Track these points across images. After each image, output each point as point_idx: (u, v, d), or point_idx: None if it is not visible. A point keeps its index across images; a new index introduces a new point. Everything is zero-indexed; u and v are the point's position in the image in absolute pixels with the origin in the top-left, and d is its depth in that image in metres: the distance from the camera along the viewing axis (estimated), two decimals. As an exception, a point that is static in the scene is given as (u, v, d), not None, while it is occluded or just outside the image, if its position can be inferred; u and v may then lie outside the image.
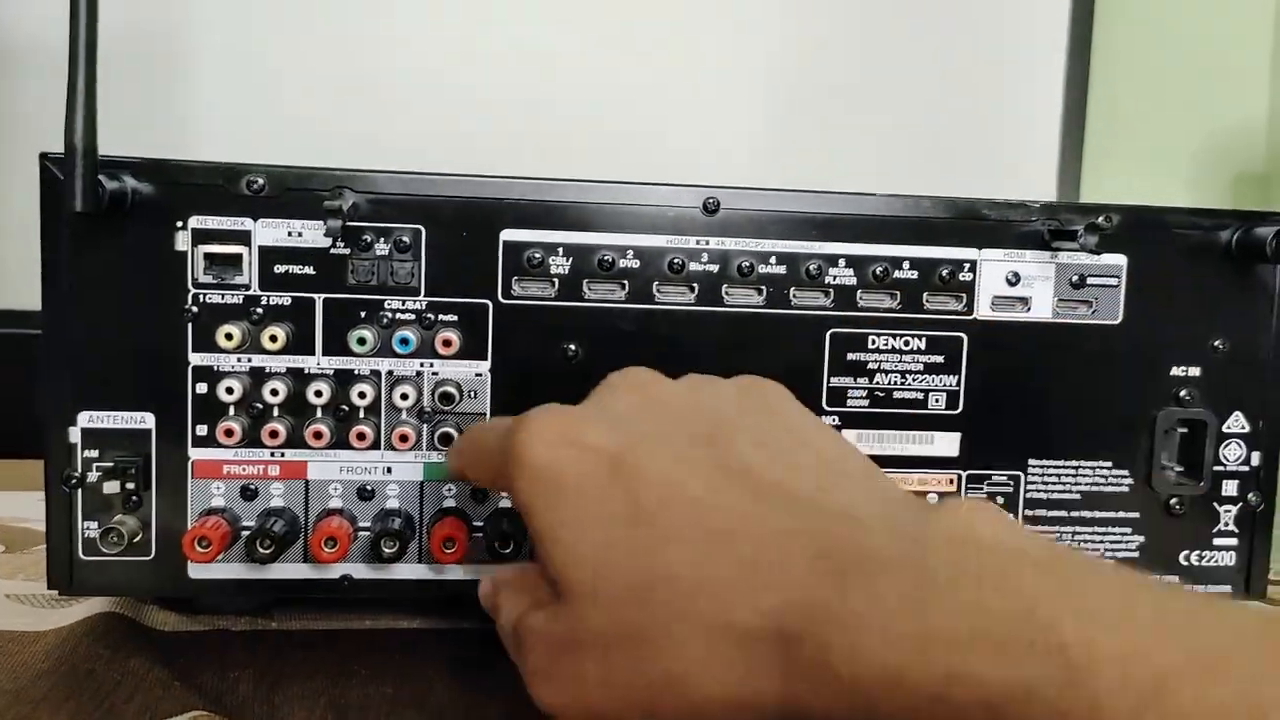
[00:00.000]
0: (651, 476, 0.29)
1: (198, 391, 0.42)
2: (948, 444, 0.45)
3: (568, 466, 0.30)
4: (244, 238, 0.42)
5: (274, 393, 0.42)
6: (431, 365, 0.43)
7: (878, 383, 0.45)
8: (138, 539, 0.42)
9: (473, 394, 0.43)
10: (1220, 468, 0.47)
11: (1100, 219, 0.44)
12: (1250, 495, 0.47)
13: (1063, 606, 0.21)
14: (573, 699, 0.29)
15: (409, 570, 0.44)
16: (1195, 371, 0.46)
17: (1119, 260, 0.45)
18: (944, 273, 0.44)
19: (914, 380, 0.45)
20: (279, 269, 0.42)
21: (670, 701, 0.27)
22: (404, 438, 0.42)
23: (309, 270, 0.42)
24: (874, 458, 0.43)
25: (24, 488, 0.68)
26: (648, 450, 0.30)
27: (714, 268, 0.44)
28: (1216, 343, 0.46)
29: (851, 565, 0.25)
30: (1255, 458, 0.47)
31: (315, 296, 0.42)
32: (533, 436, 0.31)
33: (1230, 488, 0.47)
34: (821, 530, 0.26)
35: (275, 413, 0.42)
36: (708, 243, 0.44)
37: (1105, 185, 0.89)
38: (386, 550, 0.42)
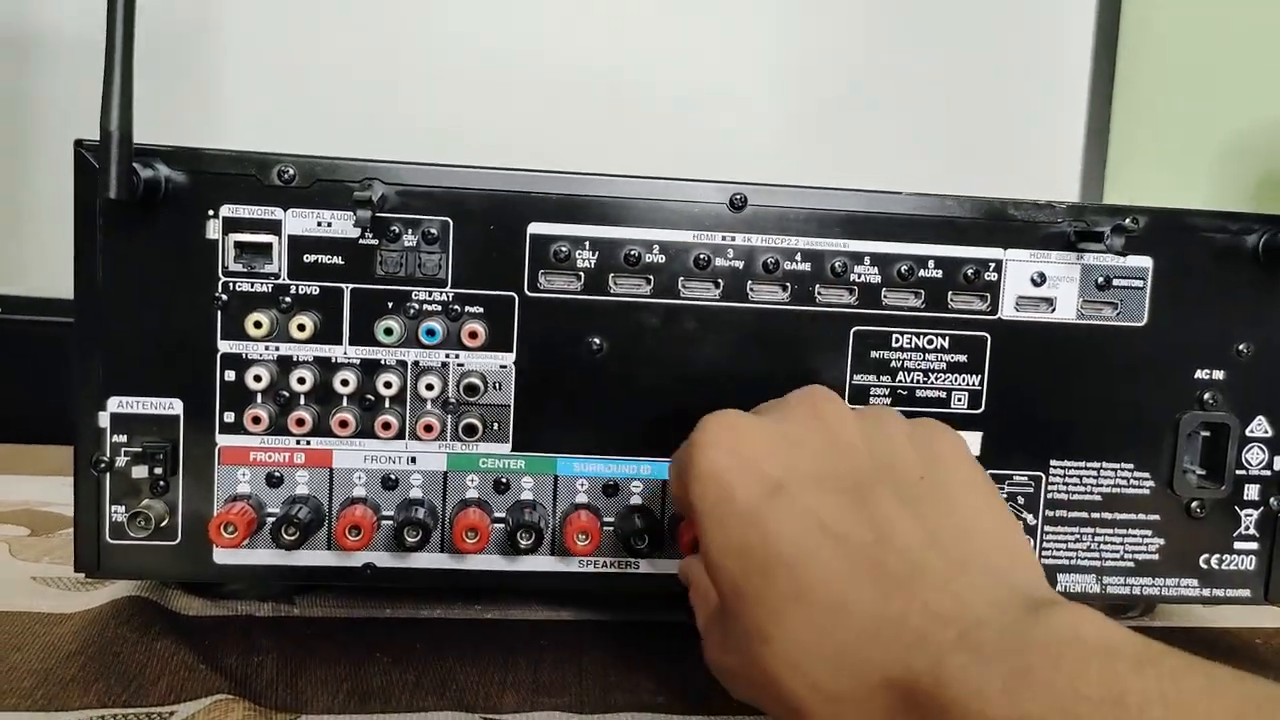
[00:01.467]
0: (794, 526, 0.31)
1: (226, 379, 0.42)
2: (970, 443, 0.45)
3: (735, 479, 0.32)
4: (274, 227, 0.42)
5: (301, 381, 0.42)
6: (457, 356, 0.43)
7: (900, 381, 0.45)
8: (164, 523, 0.42)
9: (497, 386, 0.43)
10: (1242, 471, 0.47)
11: (1127, 221, 0.44)
12: (1272, 500, 0.47)
13: (1153, 694, 0.23)
14: (734, 691, 0.34)
15: (431, 560, 0.44)
16: (1219, 375, 0.46)
17: (1145, 262, 0.45)
18: (969, 272, 0.45)
19: (937, 379, 0.45)
20: (308, 258, 0.42)
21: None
22: (429, 428, 0.43)
23: (338, 260, 0.42)
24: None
25: (49, 472, 0.69)
26: (800, 496, 0.32)
27: (739, 264, 0.44)
28: (1241, 346, 0.46)
29: (956, 649, 0.26)
30: (1278, 462, 0.47)
31: (344, 286, 0.42)
32: (710, 441, 0.34)
33: (1252, 492, 0.47)
34: (939, 611, 0.28)
35: (302, 401, 0.43)
36: (733, 239, 0.44)
37: (1128, 187, 0.89)
38: (409, 539, 0.42)
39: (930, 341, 0.45)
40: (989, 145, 0.95)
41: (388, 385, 0.42)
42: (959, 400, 0.45)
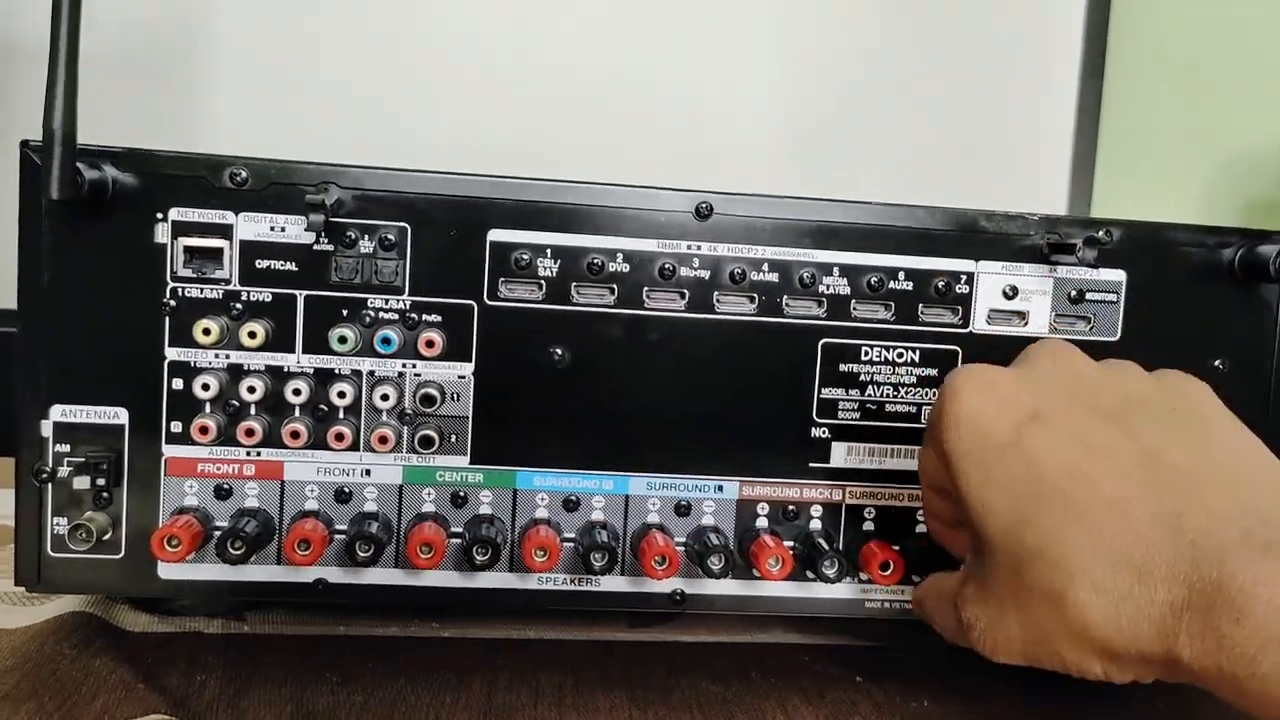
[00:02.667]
0: (1057, 447, 0.32)
1: (173, 387, 0.41)
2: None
3: (990, 415, 0.34)
4: (225, 231, 0.41)
5: (251, 390, 0.41)
6: (414, 366, 0.42)
7: (870, 395, 0.44)
8: (107, 536, 0.41)
9: (455, 396, 0.42)
10: (1219, 491, 0.46)
11: (1100, 233, 0.44)
12: (1249, 520, 0.46)
13: None
14: (1014, 656, 0.33)
15: (385, 576, 0.43)
16: (1195, 392, 0.45)
17: (1118, 276, 0.45)
18: (940, 284, 0.44)
19: (907, 393, 0.44)
20: (260, 264, 0.41)
21: (1077, 649, 0.31)
22: (384, 439, 0.42)
23: (291, 266, 0.41)
24: (864, 472, 0.43)
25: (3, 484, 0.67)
26: (1057, 420, 0.33)
27: (705, 274, 0.43)
28: (1217, 362, 0.45)
29: (1241, 545, 0.27)
30: (1255, 482, 0.46)
31: (297, 293, 0.41)
32: (961, 386, 0.35)
33: (1229, 512, 0.46)
34: (1219, 512, 0.29)
35: (252, 411, 0.41)
36: (699, 248, 0.43)
37: (1115, 208, 0.88)
38: (361, 554, 0.41)
39: (900, 355, 0.44)
40: (974, 166, 0.95)
41: (341, 395, 0.41)
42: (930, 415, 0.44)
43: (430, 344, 0.41)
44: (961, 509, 0.35)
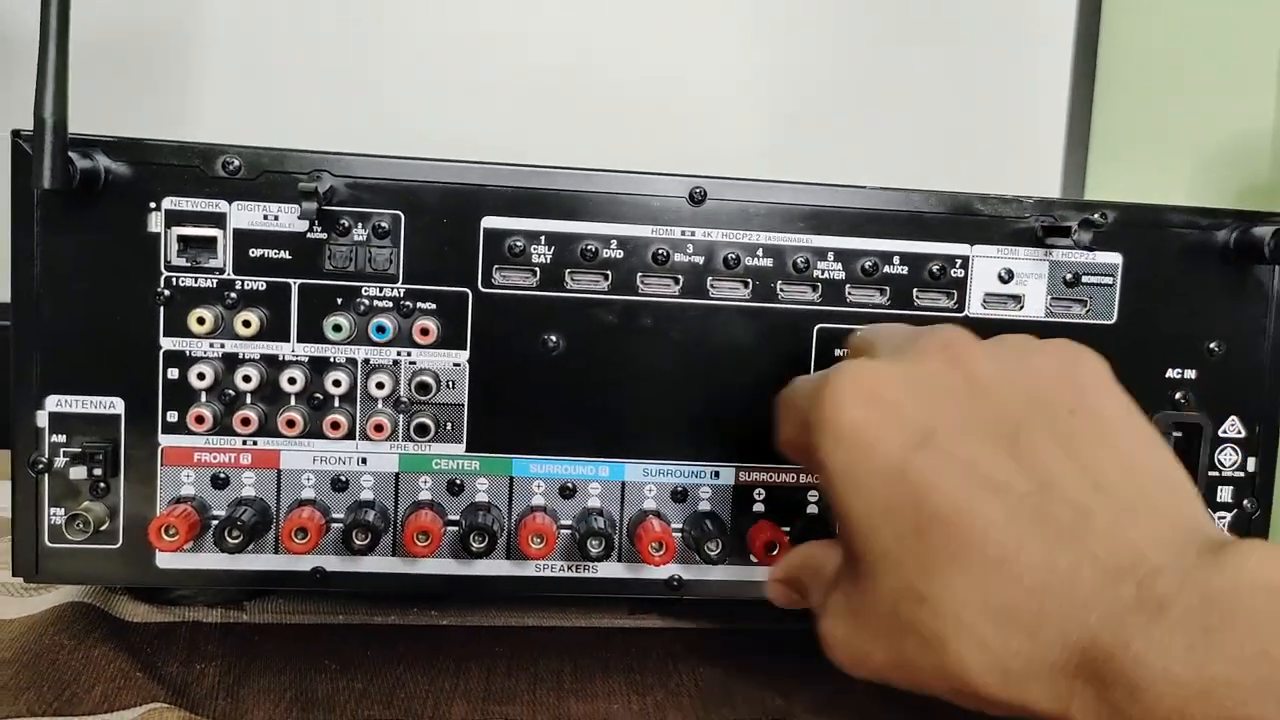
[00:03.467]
0: (947, 480, 0.29)
1: (169, 377, 0.41)
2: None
3: (875, 434, 0.30)
4: (219, 220, 0.41)
5: (246, 379, 0.41)
6: (409, 354, 0.42)
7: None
8: (104, 527, 0.41)
9: (450, 384, 0.42)
10: (1215, 473, 0.46)
11: (1095, 215, 0.43)
12: (1246, 502, 0.46)
13: None
14: (866, 673, 0.32)
15: (382, 564, 0.43)
16: (1191, 374, 0.45)
17: (1114, 259, 0.44)
18: (935, 268, 0.44)
19: (902, 378, 0.44)
20: (254, 253, 0.41)
21: (946, 691, 0.29)
22: (379, 427, 0.42)
23: (285, 255, 0.41)
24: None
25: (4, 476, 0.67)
26: (950, 445, 0.29)
27: (699, 259, 0.43)
28: (1213, 344, 0.45)
29: (1136, 608, 0.25)
30: (1251, 463, 0.46)
31: (291, 282, 0.41)
32: (844, 394, 0.31)
33: (1225, 494, 0.46)
34: (1112, 565, 0.26)
35: (248, 400, 0.41)
36: (693, 234, 0.43)
37: (1109, 194, 0.88)
38: (358, 542, 0.41)
39: (896, 339, 0.44)
40: (966, 151, 0.94)
41: (337, 384, 0.41)
42: (925, 400, 0.44)
43: (425, 332, 0.41)
44: (838, 521, 0.32)
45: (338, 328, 0.41)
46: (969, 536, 0.28)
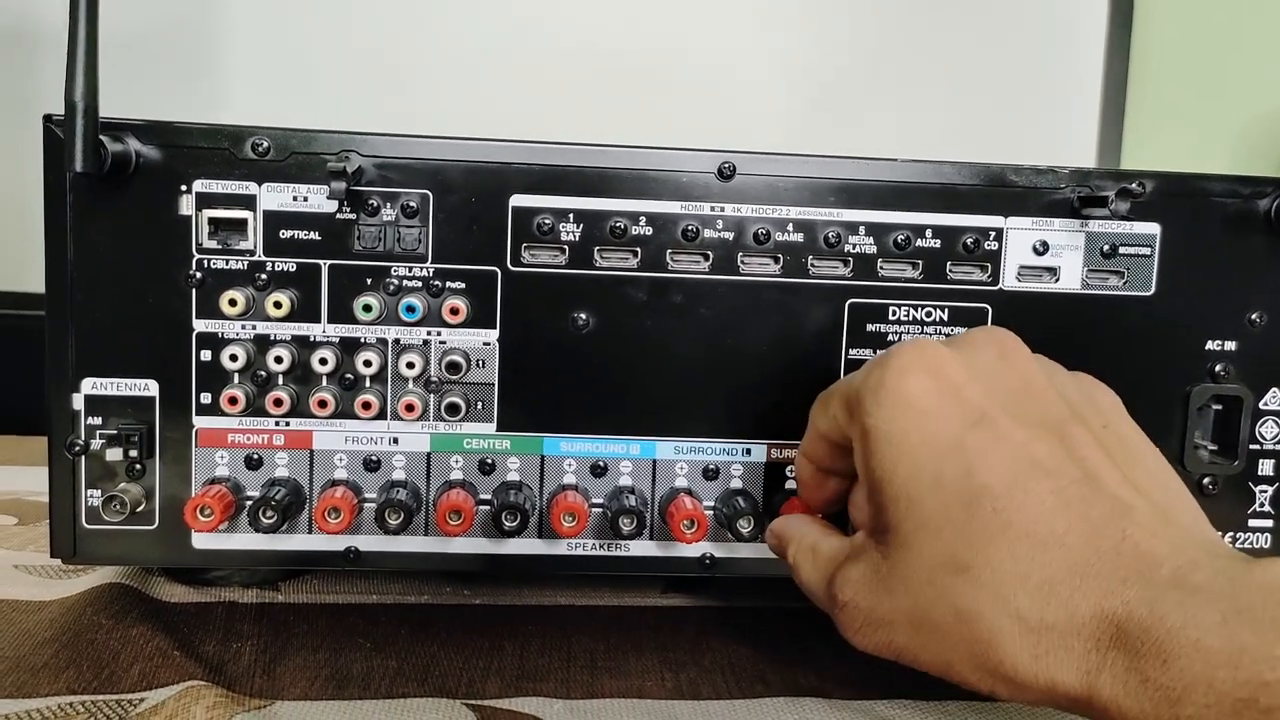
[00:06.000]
0: (1000, 458, 0.30)
1: (202, 359, 0.41)
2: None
3: (934, 405, 0.31)
4: (249, 202, 0.41)
5: (278, 360, 0.41)
6: (439, 334, 0.42)
7: (899, 355, 0.43)
8: (141, 508, 0.41)
9: (480, 363, 0.42)
10: (1256, 446, 0.45)
11: (1133, 185, 0.43)
12: (1288, 475, 0.45)
13: None
14: (881, 649, 0.32)
15: (415, 543, 0.43)
16: (1231, 346, 0.44)
17: (1152, 229, 0.44)
18: (968, 241, 0.43)
19: (936, 353, 0.43)
20: (284, 234, 0.41)
21: (967, 670, 0.30)
22: (410, 407, 0.42)
23: (314, 236, 0.41)
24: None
25: (41, 462, 0.68)
26: (1005, 429, 0.31)
27: (729, 235, 0.42)
28: (1254, 315, 0.44)
29: (1171, 587, 0.27)
30: (1294, 436, 0.45)
31: (321, 263, 0.41)
32: (910, 364, 0.32)
33: (1266, 467, 0.45)
34: (1150, 551, 0.28)
35: (280, 380, 0.41)
36: (723, 209, 0.42)
37: (1145, 165, 0.87)
38: (391, 522, 0.41)
39: (929, 314, 0.43)
40: (1001, 128, 0.93)
41: (367, 364, 0.41)
42: (959, 374, 0.44)
43: (455, 311, 0.41)
44: (872, 491, 0.33)
45: (368, 308, 0.41)
46: (1018, 513, 0.29)
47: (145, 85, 0.84)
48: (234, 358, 0.41)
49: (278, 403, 0.41)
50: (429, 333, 0.42)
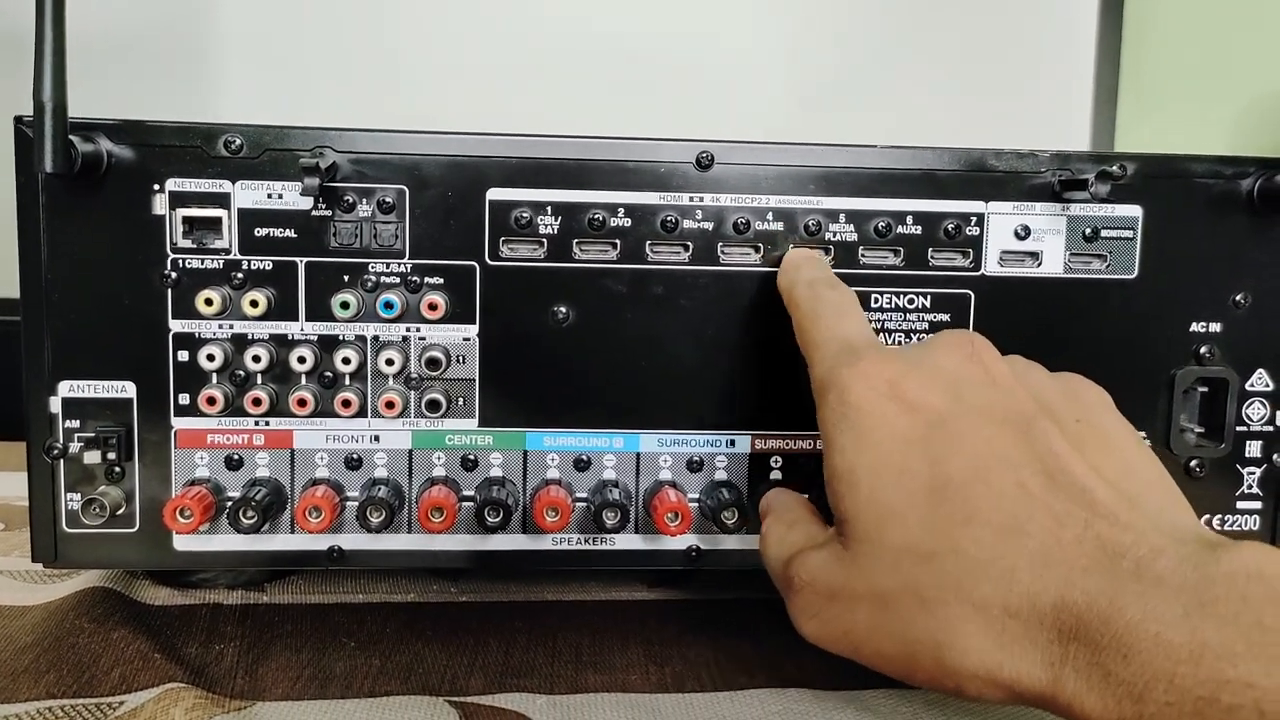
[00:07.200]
0: (964, 451, 0.30)
1: (179, 359, 0.41)
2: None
3: (886, 420, 0.32)
4: (223, 200, 0.40)
5: (256, 359, 0.41)
6: (417, 330, 0.42)
7: (881, 343, 0.43)
8: (121, 511, 0.41)
9: (460, 359, 0.42)
10: (1243, 428, 0.45)
11: (1113, 167, 0.42)
12: (1275, 456, 0.45)
13: None
14: (835, 640, 0.32)
15: (399, 541, 0.42)
16: (1216, 327, 0.44)
17: (1134, 211, 0.43)
18: (949, 227, 0.43)
19: (920, 340, 0.43)
20: (259, 232, 0.41)
21: (929, 663, 0.29)
22: (390, 404, 0.41)
23: (290, 233, 0.41)
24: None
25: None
26: (969, 424, 0.31)
27: (709, 225, 0.42)
28: (1238, 297, 0.44)
29: (1133, 578, 0.26)
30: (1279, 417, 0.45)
31: (297, 260, 0.41)
32: (861, 378, 0.33)
33: (1253, 449, 0.45)
34: (1112, 541, 0.27)
35: (258, 380, 0.41)
36: (702, 199, 0.42)
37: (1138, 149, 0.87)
38: (374, 520, 0.41)
39: (911, 301, 0.43)
40: (991, 116, 0.93)
41: (346, 361, 0.41)
42: (943, 361, 0.43)
43: (433, 307, 0.41)
44: (832, 478, 0.33)
45: (345, 305, 0.41)
46: (981, 502, 0.29)
47: (144, 86, 0.83)
48: (211, 358, 0.40)
49: (256, 402, 0.41)
50: (408, 329, 0.42)
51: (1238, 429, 0.45)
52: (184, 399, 0.41)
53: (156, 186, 0.40)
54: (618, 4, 0.89)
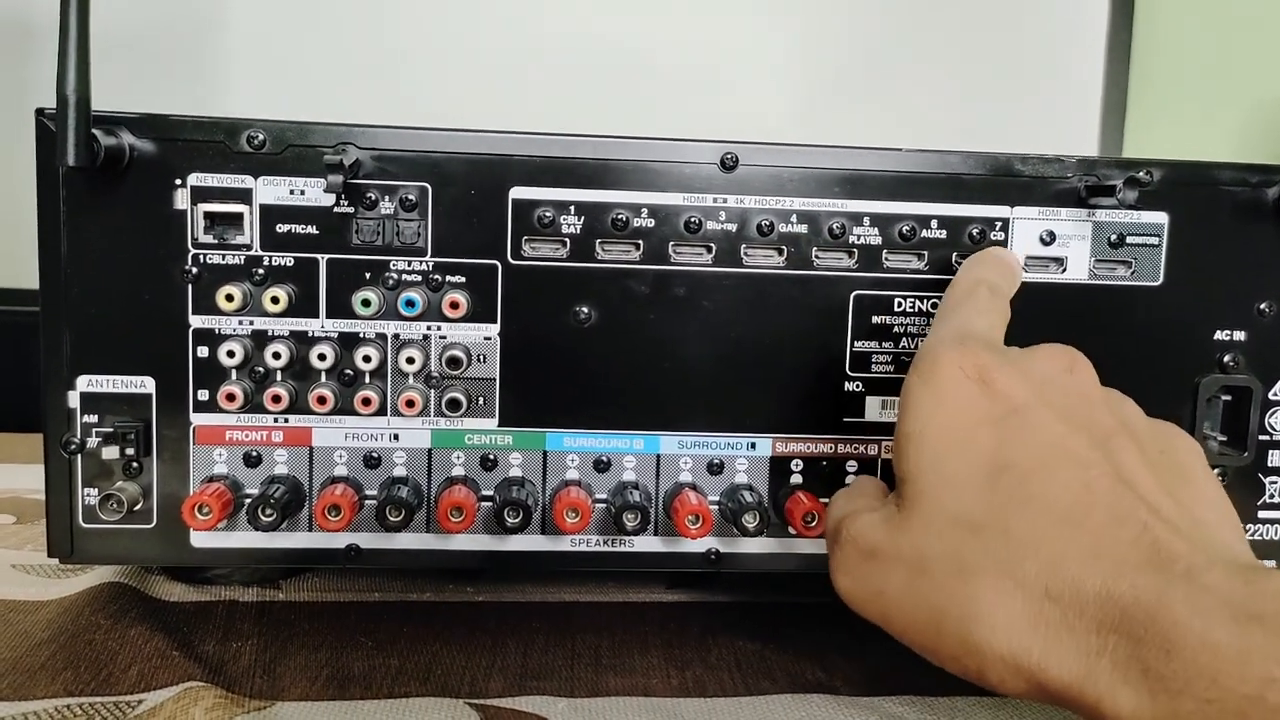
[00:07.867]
0: (1034, 441, 0.30)
1: (198, 355, 0.41)
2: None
3: (967, 396, 0.32)
4: (245, 196, 0.40)
5: (276, 356, 0.40)
6: (439, 328, 0.41)
7: (904, 347, 0.43)
8: (138, 506, 0.41)
9: (481, 358, 0.42)
10: (1266, 437, 0.44)
11: (1141, 173, 0.42)
12: (1298, 466, 0.45)
13: None
14: (867, 599, 0.32)
15: (416, 540, 0.42)
16: (1240, 335, 0.44)
17: (1160, 218, 0.43)
18: (974, 231, 0.42)
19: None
20: (281, 228, 0.40)
21: (955, 637, 0.29)
22: (410, 403, 0.41)
23: (312, 230, 0.41)
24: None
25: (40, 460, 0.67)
26: (1045, 418, 0.31)
27: (732, 227, 0.42)
28: (1263, 305, 0.44)
29: (1184, 580, 0.26)
30: (1304, 427, 0.45)
31: (319, 257, 0.41)
32: (956, 358, 0.32)
33: (1276, 458, 0.45)
34: (1168, 546, 0.27)
35: (278, 377, 0.41)
36: (726, 201, 0.42)
37: (1147, 154, 0.87)
38: (392, 519, 0.40)
39: (935, 305, 0.43)
40: (1003, 117, 0.93)
41: (367, 359, 0.41)
42: (965, 366, 0.43)
43: (455, 305, 0.41)
44: (901, 439, 0.32)
45: (366, 303, 0.40)
46: (1042, 489, 0.29)
47: (147, 84, 0.83)
48: (231, 354, 0.40)
49: (276, 399, 0.41)
50: (429, 327, 0.41)
51: (1260, 438, 0.44)
52: (203, 395, 0.41)
53: (178, 181, 0.40)
54: (618, 5, 0.89)
